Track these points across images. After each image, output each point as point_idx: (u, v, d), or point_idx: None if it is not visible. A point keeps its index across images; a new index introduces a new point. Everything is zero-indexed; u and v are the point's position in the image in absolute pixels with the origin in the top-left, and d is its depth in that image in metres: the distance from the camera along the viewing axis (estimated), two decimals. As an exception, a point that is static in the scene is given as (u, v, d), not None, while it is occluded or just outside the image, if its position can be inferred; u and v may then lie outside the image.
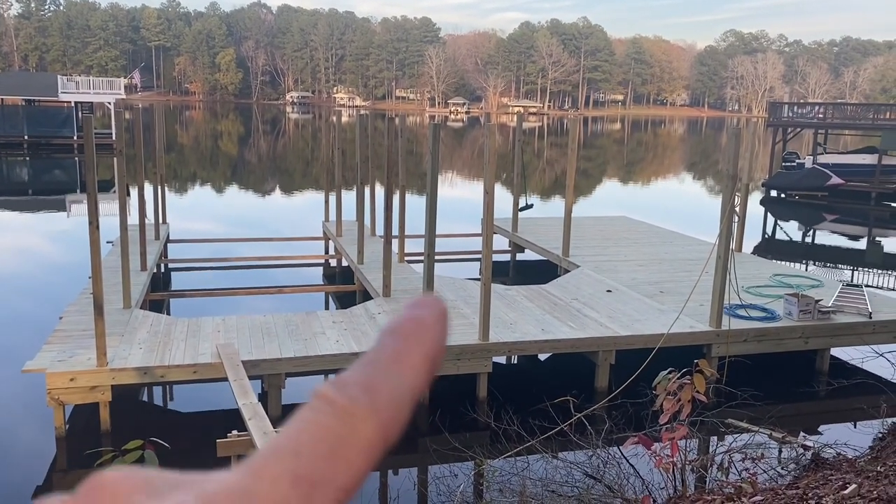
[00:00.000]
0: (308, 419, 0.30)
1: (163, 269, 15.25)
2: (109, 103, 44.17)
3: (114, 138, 28.04)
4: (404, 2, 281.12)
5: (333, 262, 16.42)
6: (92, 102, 44.96)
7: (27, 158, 39.63)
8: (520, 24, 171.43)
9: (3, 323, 12.41)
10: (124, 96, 49.42)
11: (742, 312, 10.47)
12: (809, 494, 5.52)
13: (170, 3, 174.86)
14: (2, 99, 44.63)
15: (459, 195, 29.93)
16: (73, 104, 43.05)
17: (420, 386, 0.32)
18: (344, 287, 14.16)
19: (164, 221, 16.64)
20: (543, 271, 14.78)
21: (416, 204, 15.20)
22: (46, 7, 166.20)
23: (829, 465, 6.51)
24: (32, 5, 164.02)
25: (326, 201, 17.34)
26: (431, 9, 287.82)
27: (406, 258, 13.66)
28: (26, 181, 33.50)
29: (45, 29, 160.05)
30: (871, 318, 10.57)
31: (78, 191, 28.66)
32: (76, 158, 38.80)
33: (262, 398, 8.30)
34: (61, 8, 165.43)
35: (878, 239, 24.14)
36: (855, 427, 8.87)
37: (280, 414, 8.35)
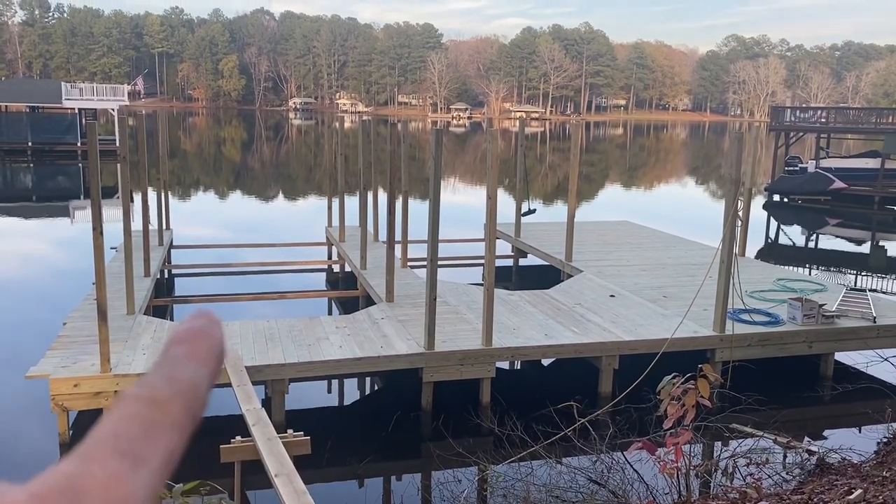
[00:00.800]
0: (120, 412, 0.34)
1: (166, 275, 15.27)
2: (113, 110, 44.34)
3: (117, 144, 28.13)
4: (407, 8, 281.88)
5: (336, 268, 16.44)
6: (96, 109, 45.11)
7: (31, 165, 39.75)
8: (522, 30, 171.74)
9: (7, 329, 12.43)
10: (128, 103, 49.58)
11: (745, 317, 10.45)
12: (815, 500, 5.50)
13: (173, 9, 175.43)
14: (6, 106, 44.80)
15: (462, 200, 29.95)
16: (76, 111, 43.18)
17: (211, 374, 0.37)
18: (347, 292, 14.17)
19: (168, 227, 16.67)
20: (546, 276, 14.78)
21: (418, 209, 15.22)
22: (50, 14, 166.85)
23: (835, 471, 6.50)
24: (36, 12, 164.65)
25: (329, 207, 17.36)
26: (434, 15, 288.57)
27: (409, 263, 13.66)
28: (30, 187, 33.59)
29: (48, 36, 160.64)
30: (875, 322, 10.55)
31: (81, 197, 28.75)
32: (80, 165, 38.91)
33: (266, 404, 8.30)
34: (65, 15, 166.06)
35: (881, 243, 24.09)
36: (860, 432, 8.84)
37: (284, 420, 8.35)
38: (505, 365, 10.45)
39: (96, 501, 0.30)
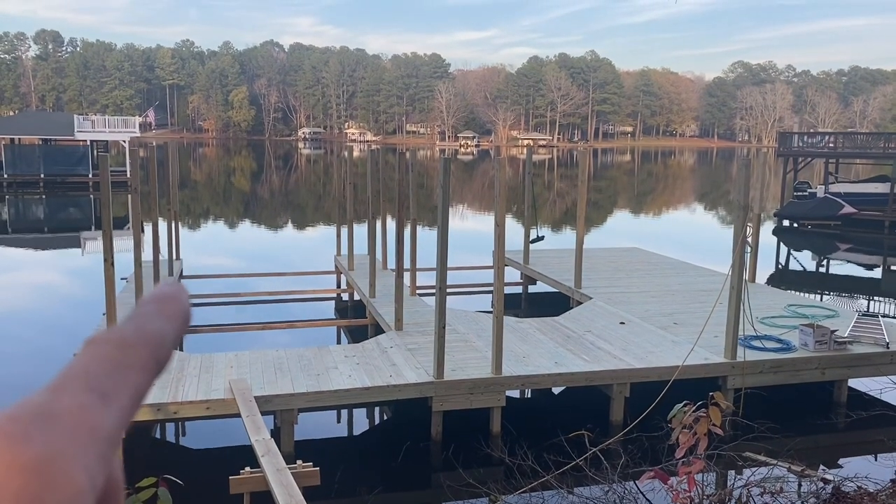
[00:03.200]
0: (90, 352, 0.36)
1: (176, 305, 15.28)
2: (124, 141, 44.83)
3: (128, 176, 28.43)
4: (415, 39, 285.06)
5: (345, 296, 16.45)
6: (107, 141, 45.62)
7: (43, 196, 40.14)
8: (528, 59, 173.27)
9: (18, 358, 12.47)
10: (139, 134, 50.15)
11: (757, 343, 10.38)
12: (831, 529, 5.41)
13: (184, 42, 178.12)
14: (19, 138, 45.38)
15: (470, 228, 30.00)
16: (88, 143, 43.70)
17: (177, 331, 0.40)
18: (356, 321, 14.16)
19: (178, 257, 16.77)
20: (555, 303, 14.74)
21: (427, 237, 15.25)
22: (63, 48, 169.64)
23: (850, 499, 6.40)
24: (50, 47, 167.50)
25: (338, 235, 17.43)
26: (442, 45, 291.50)
27: (418, 291, 13.66)
28: (42, 219, 33.89)
29: (62, 69, 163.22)
30: (888, 348, 10.45)
31: (93, 228, 28.96)
32: (91, 196, 39.27)
33: (275, 434, 8.27)
34: (78, 49, 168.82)
35: (893, 268, 23.93)
36: (875, 459, 8.72)
37: (293, 450, 8.31)
38: (515, 393, 10.38)
39: (67, 427, 0.32)
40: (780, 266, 23.57)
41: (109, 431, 0.34)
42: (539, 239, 17.13)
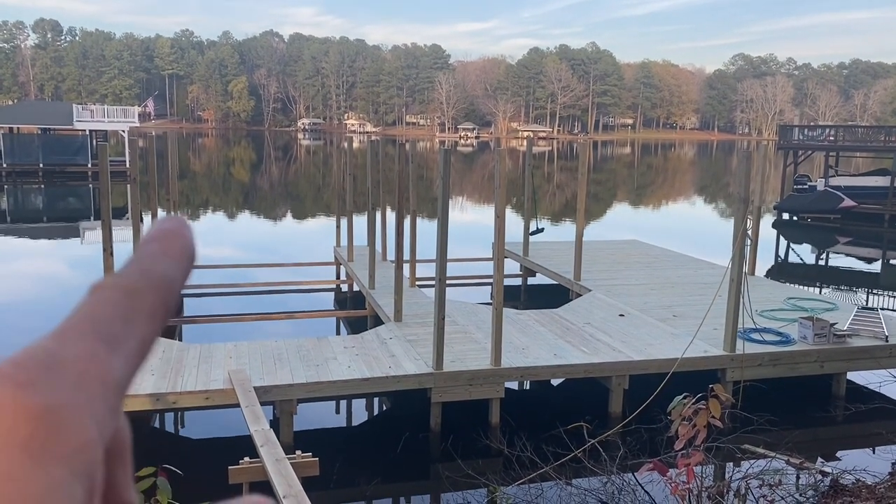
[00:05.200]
0: (97, 298, 0.34)
1: (175, 295, 15.27)
2: (123, 131, 44.75)
3: (128, 166, 28.35)
4: (415, 29, 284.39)
5: (345, 287, 16.44)
6: (106, 130, 45.52)
7: (42, 186, 40.07)
8: (529, 50, 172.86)
9: (17, 348, 12.44)
10: (138, 124, 50.03)
11: (756, 336, 10.38)
12: (829, 522, 5.42)
13: (183, 32, 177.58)
14: (18, 128, 45.27)
15: (470, 219, 29.98)
16: (87, 132, 43.58)
17: (185, 270, 0.38)
18: (355, 312, 14.16)
19: (177, 248, 16.72)
20: (555, 295, 14.74)
21: (427, 228, 15.23)
22: (62, 37, 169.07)
23: (849, 492, 6.41)
24: (49, 36, 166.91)
25: (338, 226, 17.41)
26: (443, 36, 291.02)
27: (417, 282, 13.65)
28: (41, 208, 33.84)
29: (60, 59, 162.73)
30: (887, 341, 10.45)
31: (92, 218, 28.93)
32: (90, 186, 39.20)
33: (274, 424, 8.27)
34: (77, 38, 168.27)
35: (892, 261, 23.94)
36: (874, 453, 8.73)
37: (292, 440, 8.32)
38: (514, 385, 10.39)
39: (73, 374, 0.31)
40: (779, 259, 23.57)
41: (118, 380, 0.32)
42: (539, 231, 17.11)
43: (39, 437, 0.28)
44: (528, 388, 10.73)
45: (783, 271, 20.92)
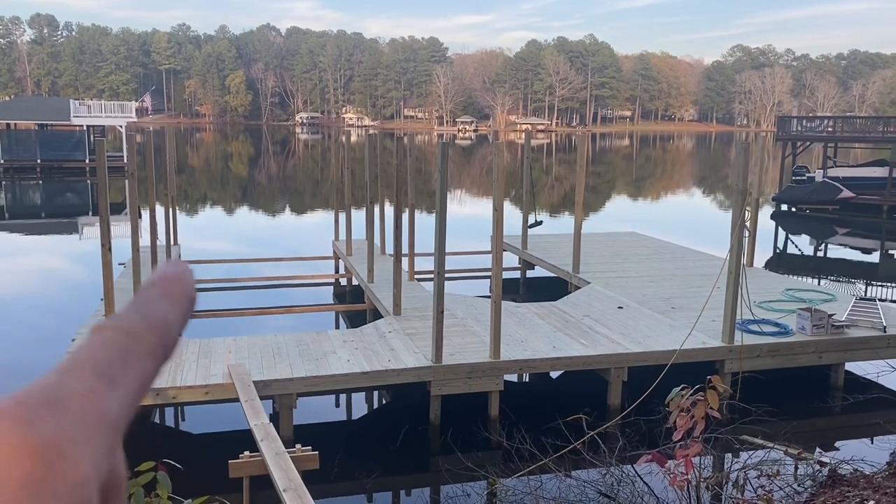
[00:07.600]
0: (98, 340, 0.36)
1: (174, 290, 15.28)
2: (121, 126, 44.64)
3: (125, 161, 28.31)
4: (413, 23, 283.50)
5: (343, 281, 16.45)
6: (104, 126, 45.43)
7: (40, 182, 40.02)
8: (527, 43, 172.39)
9: (15, 344, 12.48)
10: (135, 119, 49.92)
11: (754, 328, 10.40)
12: (827, 511, 5.45)
13: (180, 26, 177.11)
14: (15, 123, 45.17)
15: (469, 213, 29.97)
16: (84, 128, 43.51)
17: (184, 314, 0.40)
18: (354, 306, 14.17)
19: (176, 243, 16.74)
20: (554, 288, 14.76)
21: (425, 222, 15.23)
22: (59, 33, 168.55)
23: (846, 482, 6.44)
24: (45, 31, 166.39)
25: (336, 220, 17.41)
26: (441, 29, 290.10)
27: (416, 276, 13.66)
28: (39, 204, 33.81)
29: (57, 54, 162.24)
30: (885, 332, 10.48)
31: (90, 213, 28.89)
32: (88, 181, 39.15)
33: (274, 418, 8.30)
34: (73, 33, 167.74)
35: (890, 252, 23.97)
36: (872, 443, 8.77)
37: (292, 434, 8.34)
38: (513, 378, 10.41)
39: (74, 411, 0.32)
40: (777, 250, 23.58)
41: (116, 418, 0.33)
42: (537, 224, 17.12)
43: (38, 474, 0.29)
44: (527, 380, 10.75)
45: (781, 262, 20.95)
